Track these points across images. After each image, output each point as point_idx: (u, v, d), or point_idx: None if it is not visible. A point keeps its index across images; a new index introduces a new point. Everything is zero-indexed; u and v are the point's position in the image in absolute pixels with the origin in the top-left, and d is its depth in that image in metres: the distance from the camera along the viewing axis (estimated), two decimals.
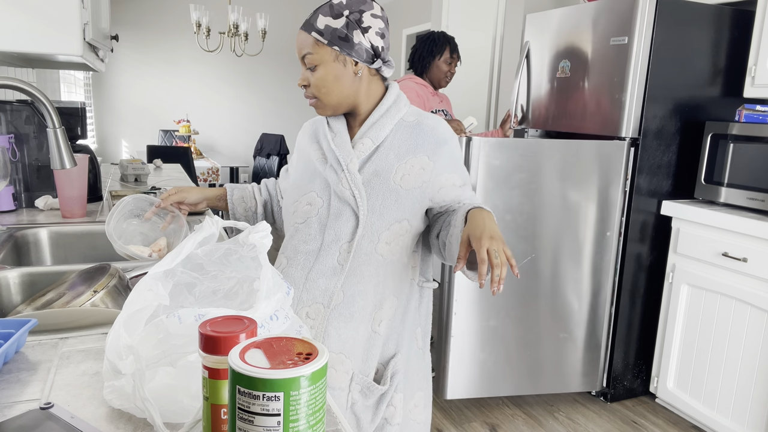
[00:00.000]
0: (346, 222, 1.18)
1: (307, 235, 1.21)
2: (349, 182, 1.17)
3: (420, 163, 1.19)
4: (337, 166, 1.19)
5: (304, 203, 1.23)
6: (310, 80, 1.18)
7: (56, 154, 1.16)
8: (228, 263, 0.79)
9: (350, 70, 1.17)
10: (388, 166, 1.18)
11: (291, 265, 1.24)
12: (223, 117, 6.28)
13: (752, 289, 2.12)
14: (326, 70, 1.15)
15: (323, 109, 1.21)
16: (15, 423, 0.63)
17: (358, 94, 1.20)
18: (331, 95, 1.18)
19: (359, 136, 1.21)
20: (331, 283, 1.20)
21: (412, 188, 1.19)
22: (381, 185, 1.18)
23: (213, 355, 0.54)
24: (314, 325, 1.21)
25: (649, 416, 2.52)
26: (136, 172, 2.47)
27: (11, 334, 0.80)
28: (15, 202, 1.79)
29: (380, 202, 1.17)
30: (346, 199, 1.17)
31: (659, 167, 2.47)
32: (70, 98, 4.27)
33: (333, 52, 1.14)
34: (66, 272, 1.19)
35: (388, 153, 1.19)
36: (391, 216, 1.18)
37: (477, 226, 1.03)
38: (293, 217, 1.26)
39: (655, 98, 2.39)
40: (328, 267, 1.20)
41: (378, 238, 1.18)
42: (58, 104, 2.10)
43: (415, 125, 1.22)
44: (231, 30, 5.01)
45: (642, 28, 2.30)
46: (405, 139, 1.20)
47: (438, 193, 1.23)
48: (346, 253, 1.18)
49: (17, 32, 1.43)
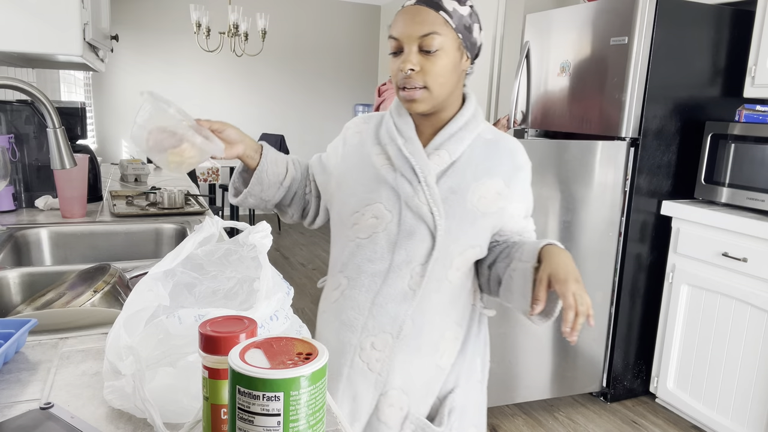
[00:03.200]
0: (421, 242, 1.05)
1: (372, 253, 1.08)
2: (427, 197, 1.04)
3: (496, 187, 1.07)
4: (411, 177, 1.05)
5: (368, 215, 1.08)
6: (424, 65, 1.00)
7: (56, 154, 1.16)
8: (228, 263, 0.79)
9: (462, 65, 1.05)
10: (465, 185, 1.06)
11: (354, 286, 1.10)
12: (223, 117, 6.26)
13: (752, 289, 2.12)
14: (448, 57, 1.00)
15: (424, 103, 1.03)
16: (15, 423, 0.63)
17: (455, 94, 1.07)
18: (444, 88, 1.02)
19: (434, 147, 1.07)
20: (401, 310, 1.08)
21: (488, 213, 1.07)
22: (458, 205, 1.05)
23: (213, 355, 0.54)
24: (380, 358, 1.09)
25: (649, 416, 2.52)
26: (136, 172, 2.47)
27: (11, 334, 0.80)
28: (15, 202, 1.79)
29: (457, 224, 1.05)
30: (422, 216, 1.04)
31: (659, 167, 2.47)
32: (70, 98, 4.27)
33: (457, 40, 1.01)
34: (66, 272, 1.19)
35: (465, 170, 1.06)
36: (466, 240, 1.07)
37: (560, 267, 0.95)
38: (353, 230, 1.10)
39: (655, 98, 2.39)
40: (397, 291, 1.07)
41: (450, 263, 1.07)
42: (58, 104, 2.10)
43: (493, 144, 1.10)
44: (231, 30, 5.01)
45: (642, 28, 2.30)
46: (482, 157, 1.08)
47: (507, 223, 1.12)
48: (418, 277, 1.06)
49: (17, 32, 1.43)
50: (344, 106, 6.79)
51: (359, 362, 1.10)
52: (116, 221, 1.70)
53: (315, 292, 4.02)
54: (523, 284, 1.01)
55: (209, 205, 3.88)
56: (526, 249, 1.04)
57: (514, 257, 1.06)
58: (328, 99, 6.70)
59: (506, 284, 1.07)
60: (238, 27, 5.04)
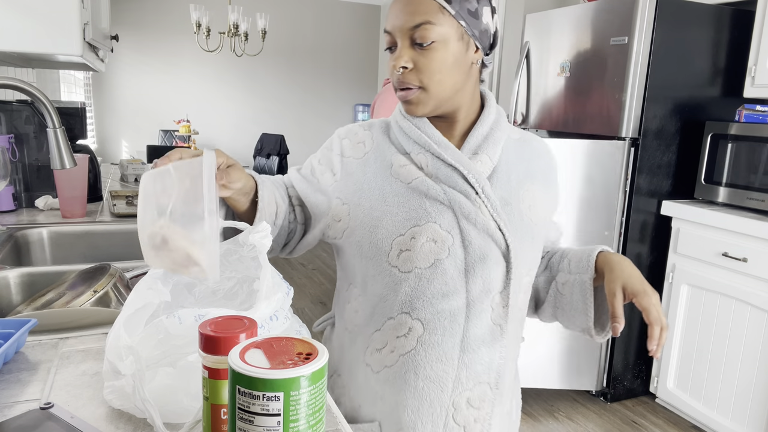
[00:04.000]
0: (495, 265, 0.88)
1: (443, 285, 0.88)
2: (491, 211, 0.87)
3: (539, 192, 0.95)
4: (464, 188, 0.87)
5: (423, 239, 0.87)
6: (418, 61, 0.85)
7: (56, 154, 1.16)
8: (228, 263, 0.79)
9: (469, 57, 0.88)
10: (514, 194, 0.91)
11: (434, 330, 0.89)
12: (223, 117, 6.27)
13: (752, 289, 2.12)
14: (447, 51, 0.85)
15: (423, 105, 0.88)
16: (15, 423, 0.63)
17: (466, 92, 0.91)
18: (444, 85, 0.87)
19: (471, 150, 0.91)
20: (494, 354, 0.91)
21: (540, 222, 0.94)
22: (515, 217, 0.90)
23: (213, 355, 0.54)
24: (478, 417, 0.91)
25: (649, 416, 2.52)
26: (136, 172, 2.47)
27: (11, 334, 0.80)
28: (15, 202, 1.79)
29: (519, 239, 0.89)
30: (491, 234, 0.87)
31: (659, 167, 2.47)
32: (70, 98, 4.27)
33: (459, 29, 0.85)
34: (66, 272, 1.19)
35: (508, 176, 0.92)
36: (530, 257, 0.92)
37: (634, 278, 0.86)
38: (401, 259, 0.88)
39: (655, 98, 2.39)
40: (485, 330, 0.89)
41: (519, 286, 0.91)
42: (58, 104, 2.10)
43: (523, 144, 0.97)
44: (231, 30, 5.02)
45: (642, 28, 2.30)
46: (518, 160, 0.94)
47: (548, 232, 1.00)
48: (501, 308, 0.90)
49: (17, 32, 1.43)
50: (344, 106, 6.80)
51: (454, 427, 0.90)
52: (116, 221, 1.70)
53: (315, 292, 4.02)
54: (582, 300, 0.91)
55: None
56: (575, 259, 0.93)
57: (561, 269, 0.95)
58: (327, 99, 6.70)
59: (555, 301, 0.95)
60: (238, 27, 5.04)
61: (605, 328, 0.93)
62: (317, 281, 4.27)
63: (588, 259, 0.92)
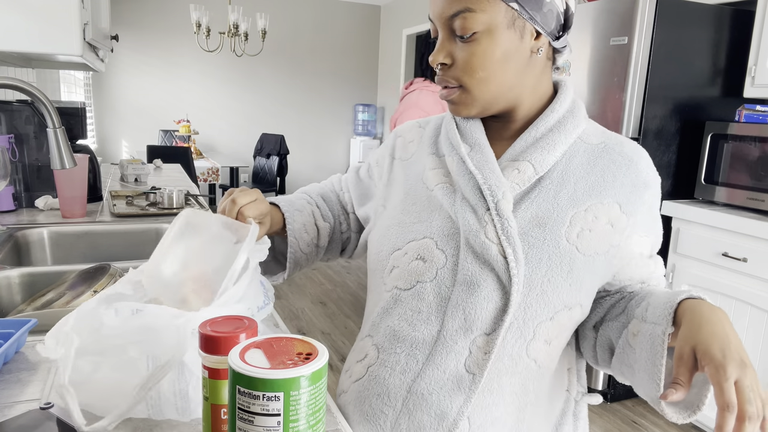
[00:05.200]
0: (486, 299, 0.71)
1: (414, 314, 0.75)
2: (498, 232, 0.72)
3: (607, 214, 0.74)
4: (477, 202, 0.73)
5: (411, 256, 0.75)
6: (456, 56, 0.72)
7: (56, 154, 1.16)
8: None
9: (527, 46, 0.73)
10: (558, 213, 0.73)
11: (384, 362, 0.76)
12: (223, 117, 6.28)
13: (752, 289, 2.12)
14: (493, 42, 0.70)
15: (467, 106, 0.75)
16: (15, 423, 0.63)
17: (525, 86, 0.76)
18: (490, 84, 0.73)
19: (511, 156, 0.76)
20: (452, 404, 0.72)
21: (594, 254, 0.73)
22: (546, 243, 0.72)
23: (213, 355, 0.54)
24: None
25: (649, 416, 2.52)
26: (136, 172, 2.47)
27: (11, 334, 0.80)
28: (15, 202, 1.79)
29: (544, 272, 0.71)
30: (489, 260, 0.71)
31: (659, 167, 2.47)
32: (70, 98, 4.27)
33: (509, 12, 0.70)
34: (66, 272, 1.19)
35: (558, 191, 0.74)
36: (558, 297, 0.72)
37: (714, 338, 0.60)
38: (392, 276, 0.77)
39: (655, 98, 2.39)
40: (447, 374, 0.72)
41: (533, 332, 0.72)
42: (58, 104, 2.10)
43: (602, 151, 0.78)
44: (231, 30, 5.02)
45: (642, 28, 2.30)
46: (585, 170, 0.76)
47: (626, 268, 0.78)
48: (481, 353, 0.72)
49: (17, 32, 1.43)
50: (344, 106, 6.80)
51: None
52: (116, 221, 1.70)
53: (315, 292, 4.03)
54: (650, 358, 0.67)
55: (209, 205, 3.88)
56: (653, 304, 0.70)
57: (635, 315, 0.72)
58: (327, 99, 6.70)
59: (622, 355, 0.73)
60: (238, 27, 5.04)
61: (693, 408, 0.65)
62: (317, 281, 4.27)
63: (667, 307, 0.67)
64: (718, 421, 0.58)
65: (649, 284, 0.81)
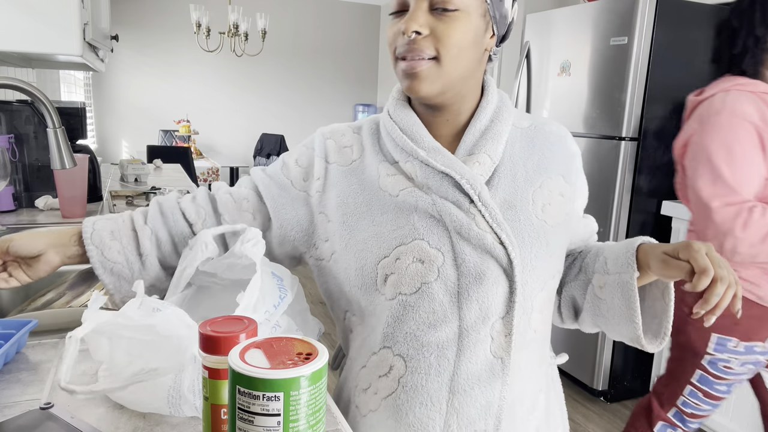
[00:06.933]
0: (494, 286, 0.74)
1: (431, 314, 0.75)
2: (488, 221, 0.75)
3: (557, 186, 0.82)
4: (457, 197, 0.76)
5: (408, 260, 0.75)
6: (436, 27, 0.73)
7: (56, 154, 1.16)
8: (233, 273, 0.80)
9: (485, 42, 0.78)
10: (522, 194, 0.79)
11: (416, 369, 0.76)
12: (223, 117, 6.27)
13: None
14: (469, 23, 0.73)
15: (431, 81, 0.74)
16: (15, 423, 0.63)
17: (473, 80, 0.79)
18: (459, 63, 0.74)
19: (466, 151, 0.79)
20: (493, 393, 0.75)
21: (557, 224, 0.80)
22: (522, 223, 0.77)
23: (213, 355, 0.54)
24: None
25: None
26: (136, 172, 2.47)
27: (12, 334, 0.80)
28: (15, 202, 1.79)
29: (528, 249, 0.76)
30: (488, 249, 0.74)
31: (659, 167, 2.47)
32: (70, 98, 4.27)
33: (483, 5, 0.75)
34: (66, 272, 1.19)
35: (514, 174, 0.79)
36: (544, 269, 0.78)
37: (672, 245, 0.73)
38: (388, 285, 0.77)
39: (655, 98, 2.39)
40: (481, 365, 0.75)
41: (532, 305, 0.77)
42: (58, 104, 2.10)
43: (534, 133, 0.84)
44: (231, 30, 5.02)
45: (642, 28, 2.30)
46: (527, 153, 0.82)
47: (576, 230, 0.87)
48: (503, 337, 0.75)
49: (17, 32, 1.43)
50: (344, 106, 6.79)
51: None
52: None
53: (315, 292, 4.02)
54: (626, 304, 0.76)
55: None
56: (611, 257, 0.79)
57: (596, 270, 0.82)
58: (328, 99, 6.70)
59: (594, 309, 0.82)
60: (238, 27, 5.04)
61: (659, 334, 0.79)
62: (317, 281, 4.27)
63: (627, 255, 0.76)
64: (694, 283, 0.67)
65: (589, 242, 0.92)
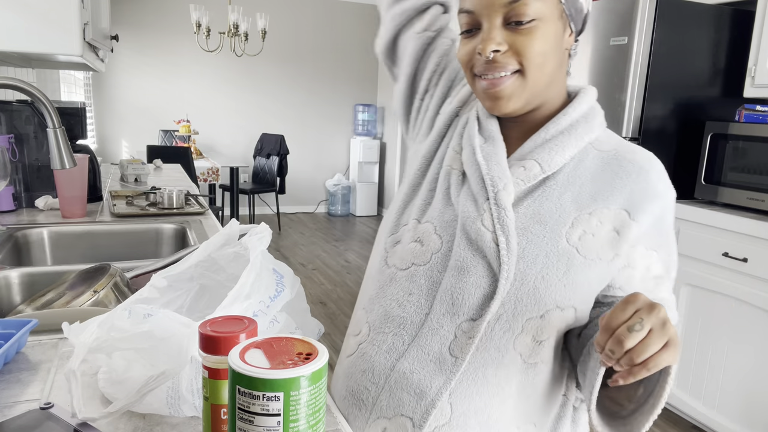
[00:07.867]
0: (475, 285, 0.72)
1: (405, 294, 0.77)
2: (495, 221, 0.72)
3: (613, 219, 0.73)
4: (479, 191, 0.75)
5: (410, 237, 0.78)
6: (514, 43, 0.70)
7: (56, 154, 1.16)
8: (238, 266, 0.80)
9: (565, 42, 0.74)
10: (560, 213, 0.73)
11: (374, 340, 0.78)
12: (223, 117, 6.28)
13: (752, 289, 2.12)
14: (547, 30, 0.71)
15: (516, 97, 0.73)
16: (15, 423, 0.63)
17: (557, 84, 0.77)
18: (543, 73, 0.72)
19: (520, 155, 0.76)
20: (432, 384, 0.73)
21: (596, 258, 0.72)
22: (544, 240, 0.72)
23: (213, 355, 0.54)
24: None
25: None
26: (136, 172, 2.47)
27: (12, 334, 0.80)
28: (15, 202, 1.79)
29: (539, 269, 0.71)
30: (482, 247, 0.73)
31: None
32: (70, 98, 4.27)
33: (559, 6, 0.71)
34: (66, 272, 1.19)
35: (563, 191, 0.74)
36: (551, 296, 0.71)
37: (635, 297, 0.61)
38: (391, 253, 0.80)
39: (655, 98, 2.39)
40: (431, 355, 0.73)
41: (522, 327, 0.72)
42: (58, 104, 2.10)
43: (613, 158, 0.77)
44: (231, 30, 5.02)
45: (642, 28, 2.30)
46: (593, 175, 0.75)
47: (630, 280, 0.76)
48: (465, 337, 0.72)
49: (17, 32, 1.43)
50: (344, 106, 6.79)
51: None
52: (116, 221, 1.70)
53: (315, 292, 4.03)
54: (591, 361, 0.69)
55: (209, 205, 3.88)
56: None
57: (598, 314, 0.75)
58: (328, 99, 6.70)
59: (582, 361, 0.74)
60: (238, 27, 5.04)
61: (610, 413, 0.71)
62: (317, 281, 4.27)
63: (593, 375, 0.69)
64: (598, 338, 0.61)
65: None
